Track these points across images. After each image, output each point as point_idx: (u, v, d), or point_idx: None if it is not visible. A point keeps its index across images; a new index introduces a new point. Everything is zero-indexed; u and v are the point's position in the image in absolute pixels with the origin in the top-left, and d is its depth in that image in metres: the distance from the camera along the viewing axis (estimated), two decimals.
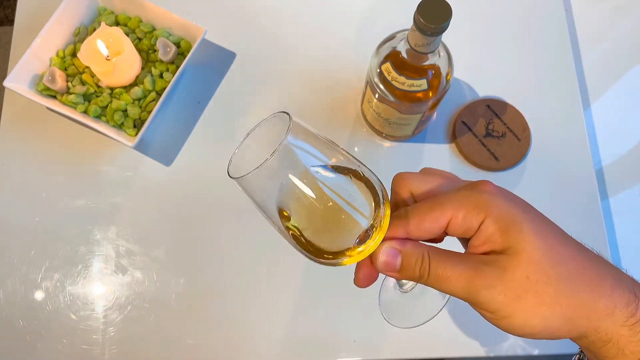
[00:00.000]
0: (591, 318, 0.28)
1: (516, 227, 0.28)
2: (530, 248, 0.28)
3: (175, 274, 0.57)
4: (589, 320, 0.28)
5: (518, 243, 0.28)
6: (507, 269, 0.28)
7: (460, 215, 0.29)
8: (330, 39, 0.66)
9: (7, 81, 0.57)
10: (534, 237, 0.28)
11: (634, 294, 0.28)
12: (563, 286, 0.28)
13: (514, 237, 0.28)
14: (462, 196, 0.30)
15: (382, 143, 0.62)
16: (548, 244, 0.28)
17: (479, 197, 0.29)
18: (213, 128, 0.63)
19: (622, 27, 0.70)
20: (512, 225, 0.28)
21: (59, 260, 0.58)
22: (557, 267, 0.28)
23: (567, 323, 0.28)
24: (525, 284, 0.28)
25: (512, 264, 0.28)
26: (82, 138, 0.62)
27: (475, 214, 0.29)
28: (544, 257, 0.28)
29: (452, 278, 0.29)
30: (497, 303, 0.28)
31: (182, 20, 0.61)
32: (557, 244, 0.29)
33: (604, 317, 0.28)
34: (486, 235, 0.29)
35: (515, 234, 0.28)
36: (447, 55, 0.51)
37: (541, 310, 0.28)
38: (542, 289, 0.27)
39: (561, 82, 0.65)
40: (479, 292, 0.28)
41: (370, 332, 0.56)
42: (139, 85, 0.60)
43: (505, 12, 0.68)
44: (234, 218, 0.59)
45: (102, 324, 0.55)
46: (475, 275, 0.28)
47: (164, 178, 0.61)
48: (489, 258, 0.29)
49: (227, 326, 0.56)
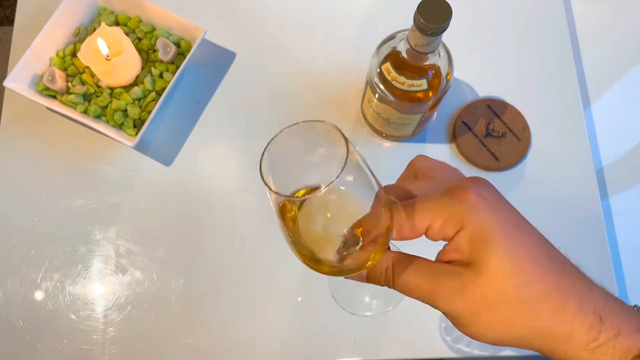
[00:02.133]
0: (549, 340, 0.28)
1: (485, 244, 0.28)
2: (493, 268, 0.28)
3: (175, 274, 0.57)
4: (546, 342, 0.28)
5: (483, 261, 0.28)
6: (466, 284, 0.28)
7: (438, 224, 0.30)
8: (330, 39, 0.66)
9: (7, 81, 0.57)
10: (501, 256, 0.28)
11: (598, 317, 0.28)
12: (521, 309, 0.28)
13: (480, 254, 0.28)
14: (441, 204, 0.30)
15: (382, 143, 0.62)
16: (516, 264, 0.28)
17: (458, 208, 0.29)
18: (213, 128, 0.63)
19: (622, 27, 0.70)
20: (482, 242, 0.28)
21: (59, 261, 0.57)
22: (518, 290, 0.28)
23: (521, 342, 0.29)
24: (482, 301, 0.28)
25: (472, 281, 0.28)
26: (82, 138, 0.62)
27: (451, 225, 0.29)
28: (506, 279, 0.28)
29: (415, 287, 0.30)
30: (455, 312, 0.29)
31: (182, 20, 0.61)
32: (527, 263, 0.28)
33: (563, 341, 0.28)
34: (457, 244, 0.29)
35: (483, 251, 0.28)
36: (447, 55, 0.51)
37: (496, 327, 0.28)
38: (498, 309, 0.28)
39: (561, 82, 0.65)
40: (437, 302, 0.29)
41: (370, 332, 0.56)
42: (139, 85, 0.60)
43: (506, 12, 0.68)
44: (234, 218, 0.59)
45: (102, 324, 0.55)
46: (437, 286, 0.29)
47: (164, 178, 0.61)
48: (452, 269, 0.30)
49: (227, 326, 0.56)
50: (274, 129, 0.29)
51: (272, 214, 0.30)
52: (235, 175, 0.61)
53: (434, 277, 0.30)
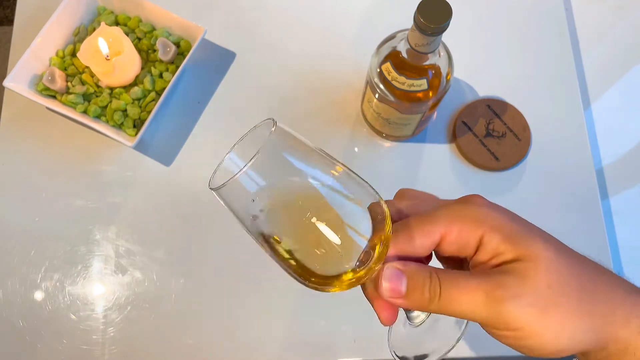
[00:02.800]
0: (612, 327, 0.26)
1: (523, 235, 0.26)
2: (546, 255, 0.26)
3: (175, 274, 0.57)
4: (611, 330, 0.26)
5: (531, 250, 0.26)
6: (528, 276, 0.25)
7: (455, 230, 0.27)
8: (330, 39, 0.66)
9: (7, 81, 0.57)
10: (545, 244, 0.26)
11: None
12: (584, 296, 0.26)
13: (524, 244, 0.26)
14: (455, 210, 0.28)
15: (382, 143, 0.62)
16: (558, 253, 0.27)
17: (476, 210, 0.27)
18: (213, 128, 0.63)
19: (622, 27, 0.70)
20: (518, 235, 0.26)
21: (59, 261, 0.57)
22: (576, 277, 0.26)
23: (593, 335, 0.26)
24: (548, 294, 0.25)
25: (532, 271, 0.25)
26: (81, 138, 0.62)
27: (472, 228, 0.27)
28: (561, 266, 0.26)
29: (468, 295, 0.25)
30: (525, 316, 0.25)
31: (181, 20, 0.61)
32: (565, 254, 0.27)
33: (621, 326, 0.26)
34: (492, 247, 0.27)
35: (525, 241, 0.26)
36: (447, 55, 0.51)
37: (569, 323, 0.25)
38: (565, 300, 0.25)
39: (561, 82, 0.65)
40: (502, 305, 0.25)
41: (370, 332, 0.56)
42: (139, 85, 0.60)
43: (506, 12, 0.68)
44: (234, 218, 0.59)
45: (101, 324, 0.55)
46: (496, 286, 0.25)
47: (164, 178, 0.61)
48: (503, 268, 0.26)
49: (227, 326, 0.56)
50: None
51: None
52: None
53: (490, 278, 0.26)
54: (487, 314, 0.25)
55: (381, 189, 0.30)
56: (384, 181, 0.60)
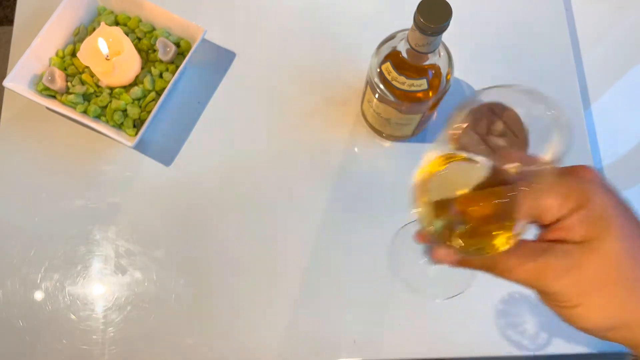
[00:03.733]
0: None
1: (604, 223, 0.28)
2: (610, 248, 0.27)
3: (175, 274, 0.57)
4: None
5: (600, 240, 0.27)
6: (579, 262, 0.27)
7: (557, 203, 0.29)
8: (330, 39, 0.66)
9: (7, 81, 0.57)
10: (619, 238, 0.27)
11: None
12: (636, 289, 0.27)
13: (599, 232, 0.27)
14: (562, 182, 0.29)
15: (382, 143, 0.62)
16: (633, 246, 0.28)
17: (580, 185, 0.29)
18: (213, 128, 0.63)
19: (622, 27, 0.70)
20: (601, 220, 0.28)
21: (59, 261, 0.57)
22: (635, 272, 0.27)
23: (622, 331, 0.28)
24: (594, 281, 0.27)
25: (586, 259, 0.27)
26: (81, 138, 0.62)
27: (570, 202, 0.28)
28: (622, 260, 0.27)
29: (518, 268, 0.29)
30: (563, 291, 0.28)
31: (181, 20, 0.61)
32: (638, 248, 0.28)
33: None
34: (570, 223, 0.28)
35: (602, 229, 0.27)
36: (447, 55, 0.51)
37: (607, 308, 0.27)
38: (611, 289, 0.27)
39: (561, 82, 0.65)
40: (544, 282, 0.28)
41: (370, 332, 0.56)
42: (139, 85, 0.60)
43: (505, 12, 0.68)
44: (233, 218, 0.59)
45: (101, 324, 0.55)
46: (544, 265, 0.28)
47: (163, 178, 0.61)
48: (560, 247, 0.28)
49: (227, 326, 0.56)
50: (274, 129, 0.28)
51: (271, 215, 0.30)
52: (235, 176, 0.61)
53: (540, 255, 0.28)
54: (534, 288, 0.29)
55: (381, 189, 0.30)
56: (384, 181, 0.60)
